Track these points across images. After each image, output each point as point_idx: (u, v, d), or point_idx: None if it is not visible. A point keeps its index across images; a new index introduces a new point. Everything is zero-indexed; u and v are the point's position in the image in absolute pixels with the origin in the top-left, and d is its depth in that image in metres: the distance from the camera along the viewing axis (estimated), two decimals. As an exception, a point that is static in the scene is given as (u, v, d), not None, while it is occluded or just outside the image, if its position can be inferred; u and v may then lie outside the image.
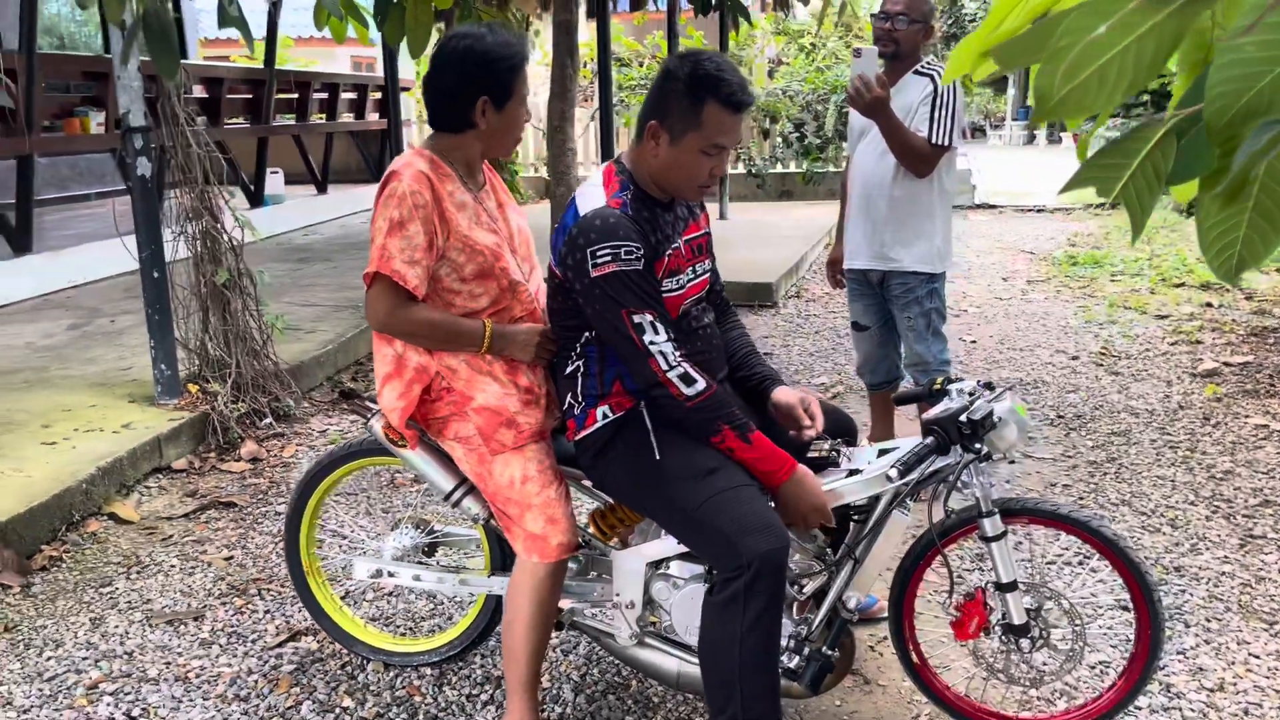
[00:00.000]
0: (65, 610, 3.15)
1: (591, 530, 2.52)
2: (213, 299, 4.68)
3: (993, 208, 12.37)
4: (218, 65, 10.57)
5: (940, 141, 3.40)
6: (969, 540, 3.26)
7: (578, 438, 2.31)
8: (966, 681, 2.54)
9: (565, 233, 2.17)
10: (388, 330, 2.28)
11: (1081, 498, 3.76)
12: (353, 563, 2.72)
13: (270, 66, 9.87)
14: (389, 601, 3.17)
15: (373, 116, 12.11)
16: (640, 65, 14.61)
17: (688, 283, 2.29)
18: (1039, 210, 12.07)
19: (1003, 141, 25.40)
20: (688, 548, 2.27)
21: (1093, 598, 3.03)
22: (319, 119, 11.35)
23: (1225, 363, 5.36)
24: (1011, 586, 2.27)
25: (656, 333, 2.11)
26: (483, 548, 2.65)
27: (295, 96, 10.67)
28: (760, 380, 2.47)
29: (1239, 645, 2.78)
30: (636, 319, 2.10)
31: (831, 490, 2.25)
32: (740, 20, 8.23)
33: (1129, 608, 2.41)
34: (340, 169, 12.13)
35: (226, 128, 9.30)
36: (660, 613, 2.43)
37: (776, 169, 13.12)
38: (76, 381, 4.88)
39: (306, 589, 2.81)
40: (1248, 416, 4.55)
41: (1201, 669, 2.68)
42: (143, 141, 4.33)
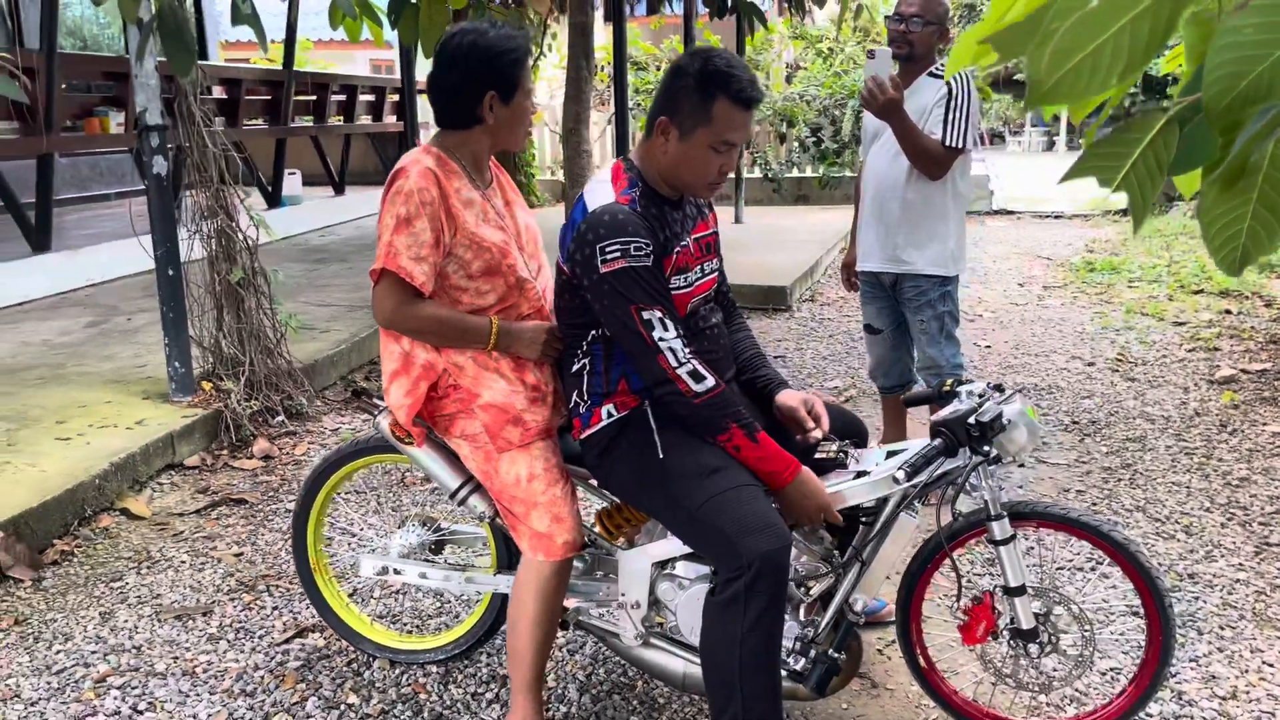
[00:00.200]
0: (75, 604, 3.17)
1: (598, 530, 2.52)
2: (227, 297, 4.70)
3: (1010, 213, 12.30)
4: (236, 66, 10.63)
5: (954, 144, 3.38)
6: (980, 545, 3.25)
7: (583, 436, 2.31)
8: (974, 686, 2.52)
9: (574, 229, 2.17)
10: (394, 327, 2.28)
11: (1095, 504, 3.73)
12: (359, 560, 2.72)
13: (289, 68, 9.92)
14: (396, 599, 3.17)
15: (390, 119, 12.16)
16: (657, 69, 14.61)
17: (696, 281, 2.28)
18: (1057, 216, 12.00)
19: (1022, 148, 25.28)
20: (690, 548, 2.26)
21: (1104, 604, 3.00)
22: (337, 121, 11.40)
23: (1243, 370, 5.31)
24: (1020, 591, 2.25)
25: (666, 329, 2.10)
26: (489, 546, 2.64)
27: (313, 98, 10.73)
28: (766, 382, 2.46)
29: (1252, 653, 2.75)
30: (645, 315, 2.09)
31: (837, 492, 2.23)
32: (756, 24, 8.22)
33: (1140, 613, 2.38)
34: (358, 171, 12.18)
35: (245, 129, 9.35)
36: (666, 613, 2.42)
37: (793, 173, 13.10)
38: (92, 378, 4.91)
39: (313, 585, 2.81)
40: (1265, 424, 4.50)
41: (1214, 677, 2.65)
42: (159, 140, 4.36)
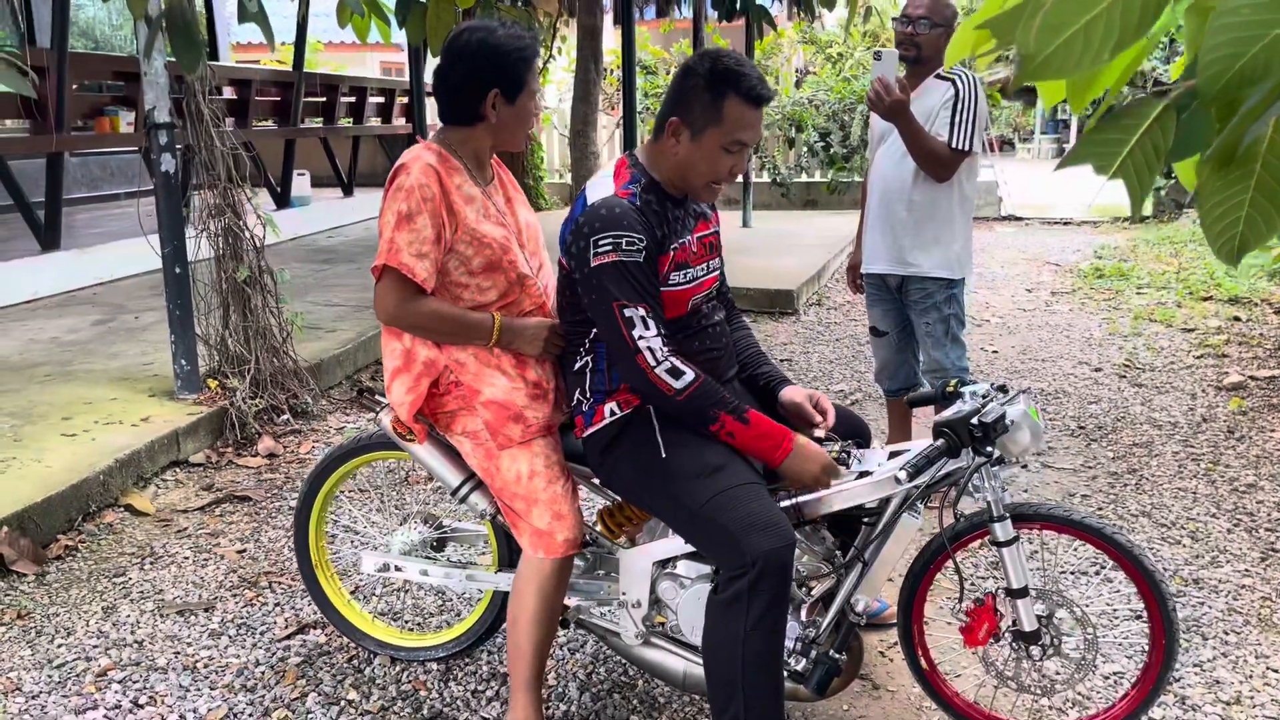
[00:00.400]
0: (78, 599, 3.17)
1: (599, 528, 2.51)
2: (234, 296, 4.71)
3: (1019, 220, 12.27)
4: (246, 67, 10.66)
5: (960, 146, 3.37)
6: (985, 548, 3.24)
7: (585, 434, 2.30)
8: (976, 689, 2.51)
9: (573, 222, 2.17)
10: (397, 323, 2.28)
11: (1101, 508, 3.71)
12: (361, 556, 2.72)
13: (298, 69, 9.95)
14: (397, 596, 3.17)
15: (399, 121, 12.19)
16: (666, 73, 14.62)
17: (697, 278, 2.28)
18: (1065, 223, 11.97)
19: (1031, 155, 25.23)
20: (693, 546, 2.25)
21: (1109, 607, 2.99)
22: (346, 122, 11.42)
23: (1251, 376, 5.28)
24: (1023, 592, 2.24)
25: (646, 328, 2.10)
26: (490, 544, 2.64)
27: (323, 100, 10.75)
28: (768, 379, 2.46)
29: (1257, 659, 2.73)
30: (627, 312, 2.09)
31: (837, 493, 2.22)
32: (766, 27, 8.23)
33: (1143, 617, 2.36)
34: (366, 172, 12.21)
35: (254, 130, 9.38)
36: (667, 612, 2.41)
37: (801, 178, 13.09)
38: (99, 375, 4.93)
39: (315, 582, 2.81)
40: (1273, 430, 4.47)
41: (1218, 682, 2.63)
42: (167, 138, 4.37)
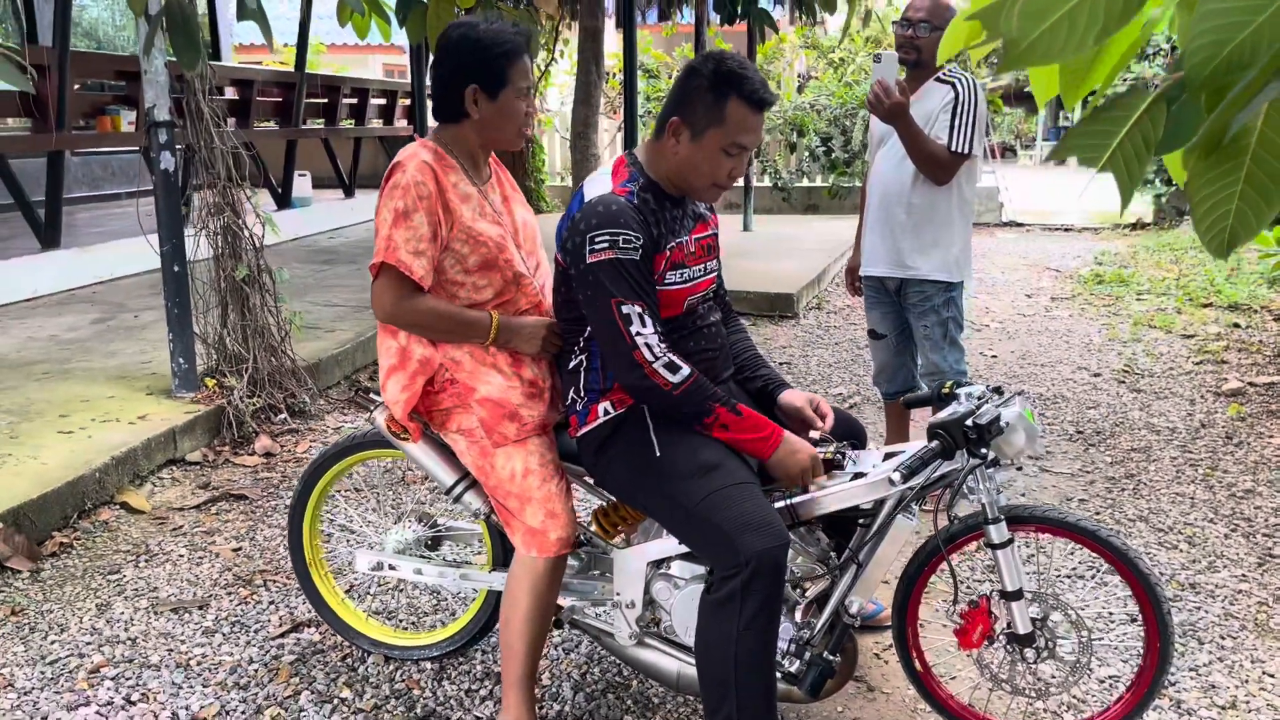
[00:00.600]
0: (72, 596, 3.17)
1: (594, 528, 2.51)
2: (232, 295, 4.71)
3: (1020, 225, 12.27)
4: (248, 68, 10.67)
5: (960, 149, 3.37)
6: (981, 551, 3.23)
7: (580, 433, 2.30)
8: (971, 691, 2.50)
9: (570, 219, 2.17)
10: (394, 321, 2.28)
11: (1099, 513, 3.70)
12: (355, 555, 2.71)
13: (300, 70, 9.96)
14: (392, 595, 3.16)
15: (401, 123, 12.20)
16: (668, 77, 14.63)
17: (694, 279, 2.28)
18: (1066, 229, 11.97)
19: (1033, 161, 25.25)
20: (687, 546, 2.24)
21: (1105, 611, 2.98)
22: (348, 124, 11.44)
23: (1250, 383, 5.27)
24: (1017, 595, 2.23)
25: (644, 325, 2.10)
26: (485, 543, 2.63)
27: (324, 101, 10.76)
28: (765, 382, 2.45)
29: (1253, 663, 2.72)
30: (625, 310, 2.09)
31: (831, 494, 2.22)
32: (767, 30, 8.23)
33: (1139, 620, 2.36)
34: (368, 174, 12.21)
35: (256, 130, 9.38)
36: (661, 613, 2.40)
37: (802, 183, 13.09)
38: (97, 373, 4.93)
39: (309, 580, 2.80)
40: (1271, 436, 4.47)
41: (1214, 686, 2.62)
42: (167, 136, 4.37)
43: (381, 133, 12.04)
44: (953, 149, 3.37)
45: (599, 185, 2.18)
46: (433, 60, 2.24)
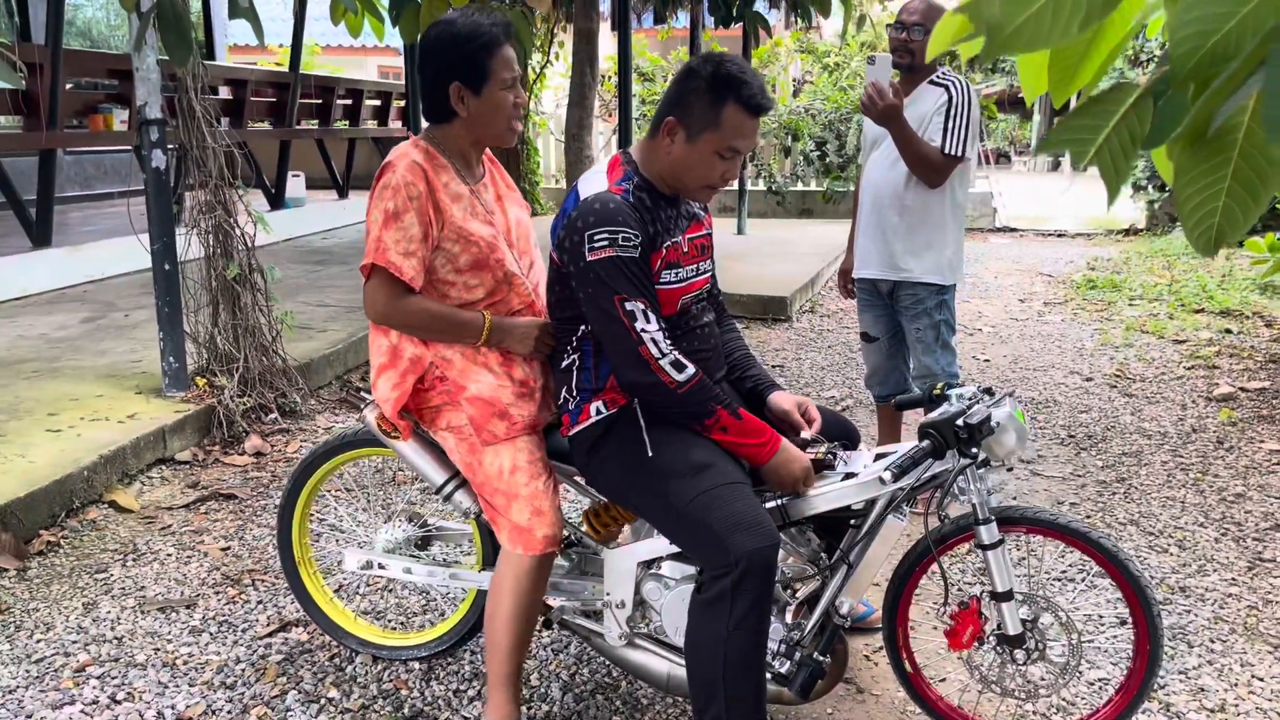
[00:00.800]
0: (59, 595, 3.15)
1: (584, 529, 2.50)
2: (223, 294, 4.69)
3: (1013, 231, 12.31)
4: (242, 67, 10.64)
5: (953, 152, 3.37)
6: (972, 553, 3.23)
7: (572, 433, 2.29)
8: (960, 693, 2.50)
9: (565, 217, 2.16)
10: (387, 322, 2.27)
11: (1089, 516, 3.71)
12: (344, 554, 2.70)
13: (295, 70, 9.94)
14: (381, 595, 3.15)
15: (395, 124, 12.18)
16: (663, 80, 14.64)
17: (687, 278, 2.27)
18: (1060, 234, 12.00)
19: (1027, 168, 25.32)
20: (677, 546, 2.24)
21: (1094, 614, 2.98)
22: (342, 125, 11.42)
23: (1242, 388, 5.28)
24: (1007, 596, 2.23)
25: (648, 321, 2.09)
26: (475, 543, 2.62)
27: (319, 102, 10.75)
28: (755, 382, 2.45)
29: (1242, 667, 2.72)
30: (629, 306, 2.08)
31: (822, 494, 2.21)
32: (762, 33, 8.24)
33: (1129, 623, 2.36)
34: (362, 175, 12.17)
35: (249, 130, 9.36)
36: (651, 613, 2.40)
37: (797, 187, 13.12)
38: (86, 372, 4.90)
39: (298, 579, 2.79)
40: (1262, 441, 4.48)
41: (1203, 689, 2.62)
42: (158, 134, 4.36)
43: (376, 134, 12.03)
44: (946, 151, 3.37)
45: (594, 183, 2.18)
46: (418, 61, 2.23)
